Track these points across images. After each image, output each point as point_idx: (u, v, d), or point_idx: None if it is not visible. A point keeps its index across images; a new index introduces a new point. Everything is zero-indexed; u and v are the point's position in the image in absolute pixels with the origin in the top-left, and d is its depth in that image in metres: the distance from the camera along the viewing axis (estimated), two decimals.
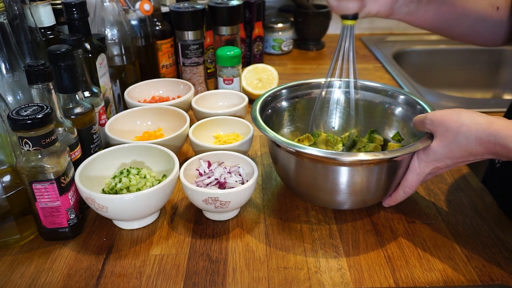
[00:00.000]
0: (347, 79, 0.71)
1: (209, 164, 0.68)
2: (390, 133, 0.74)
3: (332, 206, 0.66)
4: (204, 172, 0.67)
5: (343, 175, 0.59)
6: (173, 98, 0.93)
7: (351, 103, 0.71)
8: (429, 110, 0.66)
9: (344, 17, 0.61)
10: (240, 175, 0.66)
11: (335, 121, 0.78)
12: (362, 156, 0.56)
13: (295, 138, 0.76)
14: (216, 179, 0.65)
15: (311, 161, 0.60)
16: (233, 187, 0.63)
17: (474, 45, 0.72)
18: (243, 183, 0.65)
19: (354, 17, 0.59)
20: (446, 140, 0.55)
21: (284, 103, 0.76)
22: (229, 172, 0.66)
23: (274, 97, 0.74)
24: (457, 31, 0.68)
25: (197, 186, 0.64)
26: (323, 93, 0.74)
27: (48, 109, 0.54)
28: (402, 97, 0.72)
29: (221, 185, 0.65)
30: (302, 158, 0.61)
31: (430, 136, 0.58)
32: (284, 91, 0.76)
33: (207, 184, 0.65)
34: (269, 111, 0.73)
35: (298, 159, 0.61)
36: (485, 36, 0.68)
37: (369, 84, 0.76)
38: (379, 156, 0.56)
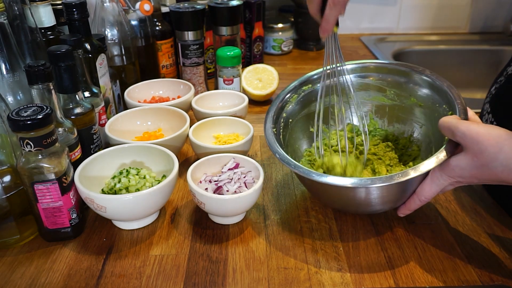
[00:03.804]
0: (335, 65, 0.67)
1: (237, 166, 0.68)
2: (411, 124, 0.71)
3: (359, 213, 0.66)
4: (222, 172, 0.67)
5: (373, 193, 0.58)
6: (173, 98, 0.93)
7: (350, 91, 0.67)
8: (453, 100, 0.61)
9: None
10: (246, 186, 0.65)
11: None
12: (395, 179, 0.54)
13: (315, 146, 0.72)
14: (216, 181, 0.65)
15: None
16: (226, 191, 0.63)
17: None
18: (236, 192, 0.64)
19: (336, 23, 0.61)
20: (478, 162, 0.50)
21: (294, 107, 0.73)
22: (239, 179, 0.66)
23: (282, 107, 0.71)
24: None
25: (206, 181, 0.65)
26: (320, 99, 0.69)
27: (48, 110, 0.54)
28: (425, 78, 0.68)
29: (218, 188, 0.64)
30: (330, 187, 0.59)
31: (456, 146, 0.54)
32: (287, 95, 0.72)
33: (211, 181, 0.65)
34: (282, 122, 0.70)
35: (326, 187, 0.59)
36: None
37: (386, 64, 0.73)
38: (410, 175, 0.54)
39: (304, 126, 0.74)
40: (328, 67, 0.66)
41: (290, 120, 0.71)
